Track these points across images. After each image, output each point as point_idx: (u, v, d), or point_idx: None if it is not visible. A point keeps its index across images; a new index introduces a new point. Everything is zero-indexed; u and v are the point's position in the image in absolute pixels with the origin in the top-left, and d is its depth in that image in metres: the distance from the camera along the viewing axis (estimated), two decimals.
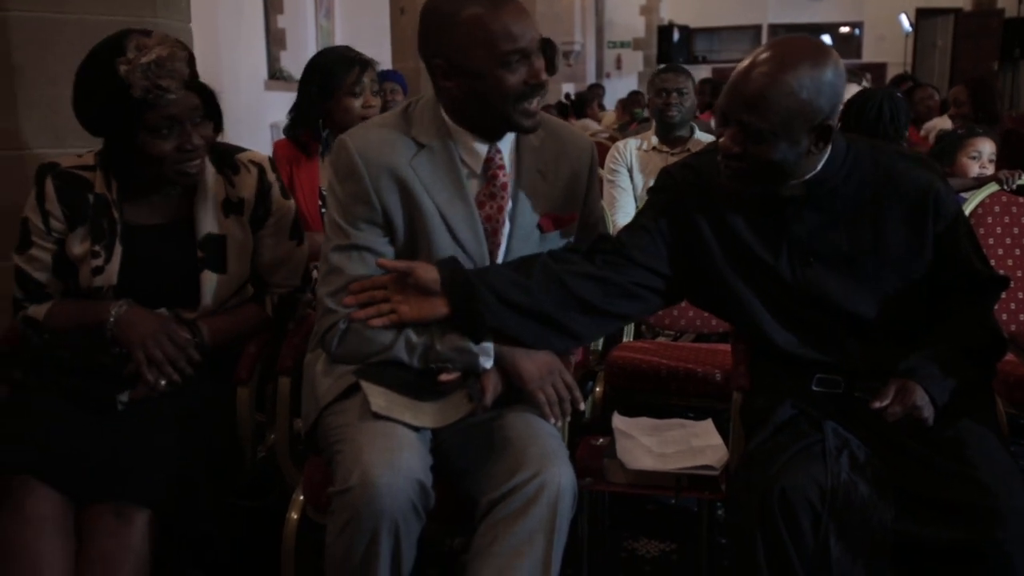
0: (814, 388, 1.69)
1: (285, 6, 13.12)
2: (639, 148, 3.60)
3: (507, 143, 1.73)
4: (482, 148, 1.70)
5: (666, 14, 16.96)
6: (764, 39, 16.05)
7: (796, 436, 1.60)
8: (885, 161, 1.70)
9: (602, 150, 3.96)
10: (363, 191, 1.64)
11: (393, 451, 1.51)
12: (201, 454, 1.70)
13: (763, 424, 1.66)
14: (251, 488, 1.98)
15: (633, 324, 2.87)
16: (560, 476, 1.56)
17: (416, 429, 1.59)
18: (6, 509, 1.55)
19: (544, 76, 1.63)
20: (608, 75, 16.00)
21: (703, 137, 3.63)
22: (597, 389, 2.52)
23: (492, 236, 1.71)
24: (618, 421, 2.03)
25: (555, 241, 1.77)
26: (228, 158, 1.91)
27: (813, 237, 1.67)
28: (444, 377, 1.61)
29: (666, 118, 3.54)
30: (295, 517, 1.74)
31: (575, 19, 14.17)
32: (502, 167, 1.72)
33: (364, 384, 1.59)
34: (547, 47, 1.80)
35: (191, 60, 1.75)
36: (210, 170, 1.87)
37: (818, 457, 1.55)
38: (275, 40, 12.67)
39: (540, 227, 1.75)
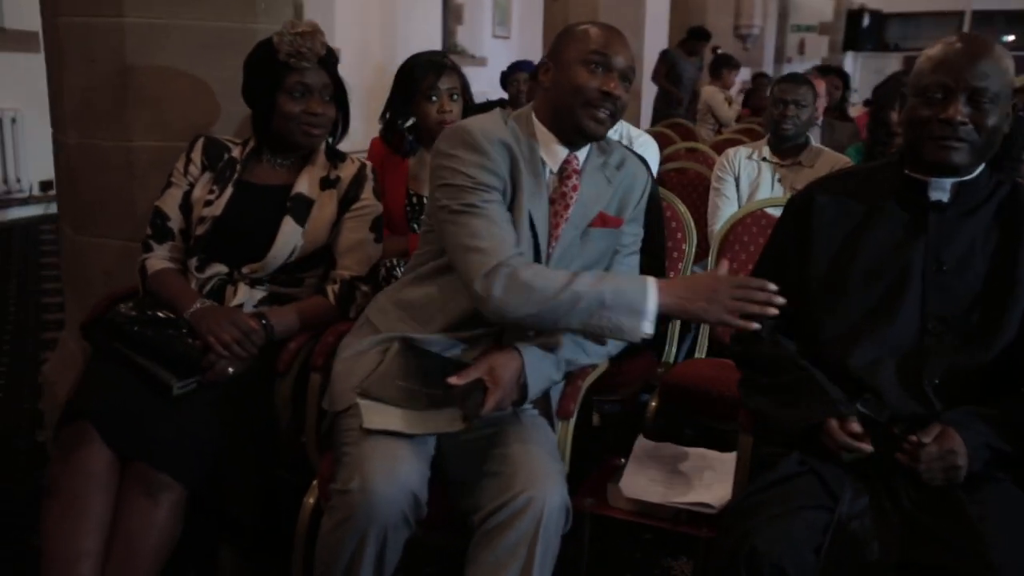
0: (859, 408, 1.61)
1: None
2: (748, 157, 3.53)
3: (583, 153, 1.89)
4: (562, 152, 1.86)
5: None
6: (967, 27, 14.95)
7: (793, 494, 1.55)
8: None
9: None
10: (489, 162, 1.77)
11: (394, 462, 1.64)
12: (240, 440, 1.88)
13: (765, 472, 1.65)
14: (297, 465, 2.14)
15: (707, 340, 2.85)
16: (548, 494, 1.63)
17: (410, 436, 1.69)
18: (64, 459, 1.78)
19: (618, 91, 1.80)
20: (789, 60, 15.39)
21: (818, 147, 3.52)
22: (652, 403, 2.54)
23: (554, 229, 1.85)
24: (640, 445, 2.05)
25: (596, 238, 1.89)
26: (339, 153, 2.21)
27: (949, 243, 1.66)
28: (453, 380, 1.69)
29: (780, 130, 3.46)
30: (311, 502, 1.89)
31: (755, 0, 13.71)
32: (577, 171, 1.87)
33: (361, 403, 1.71)
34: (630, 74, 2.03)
35: (329, 48, 2.11)
36: (320, 156, 2.18)
37: (807, 522, 1.50)
38: (453, 15, 13.02)
39: (590, 224, 1.87)
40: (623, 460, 2.05)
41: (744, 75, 12.60)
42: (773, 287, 1.62)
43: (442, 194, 1.78)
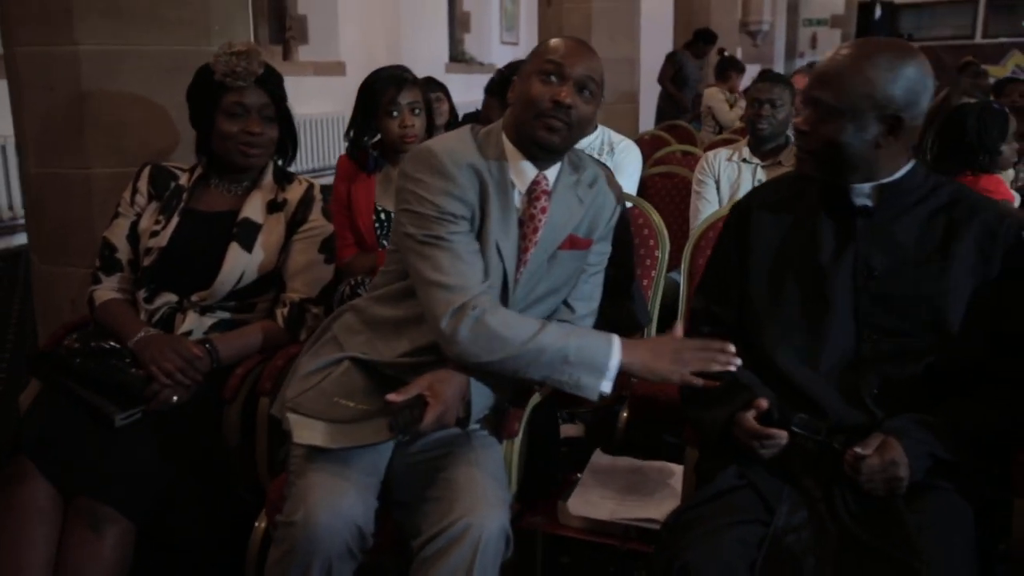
0: (793, 429, 1.58)
1: None
2: (729, 159, 3.49)
3: (553, 172, 1.85)
4: (531, 171, 1.82)
5: None
6: (981, 15, 14.76)
7: (729, 510, 1.52)
8: (965, 197, 1.65)
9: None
10: (455, 188, 1.74)
11: (338, 495, 1.62)
12: (186, 469, 1.87)
13: (704, 486, 1.61)
14: (255, 488, 2.12)
15: None
16: (487, 520, 1.60)
17: (355, 465, 1.68)
18: (3, 494, 1.77)
19: (569, 99, 1.74)
20: (801, 54, 15.30)
21: None
22: (623, 414, 2.50)
23: (523, 254, 1.81)
24: (596, 459, 2.02)
25: (564, 261, 1.85)
26: (287, 174, 2.20)
27: (879, 249, 1.62)
28: (391, 396, 1.65)
29: (756, 130, 3.42)
30: (262, 527, 1.87)
31: None
32: (546, 192, 1.83)
33: (290, 417, 1.69)
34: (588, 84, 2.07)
35: (267, 66, 2.11)
36: (268, 179, 2.18)
37: (740, 537, 1.47)
38: (460, 23, 13.05)
39: (559, 247, 1.83)
40: (579, 475, 2.01)
41: (752, 73, 12.58)
42: (732, 348, 1.62)
43: (407, 220, 1.75)
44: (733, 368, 1.61)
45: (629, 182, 3.24)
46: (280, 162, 2.23)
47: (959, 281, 1.58)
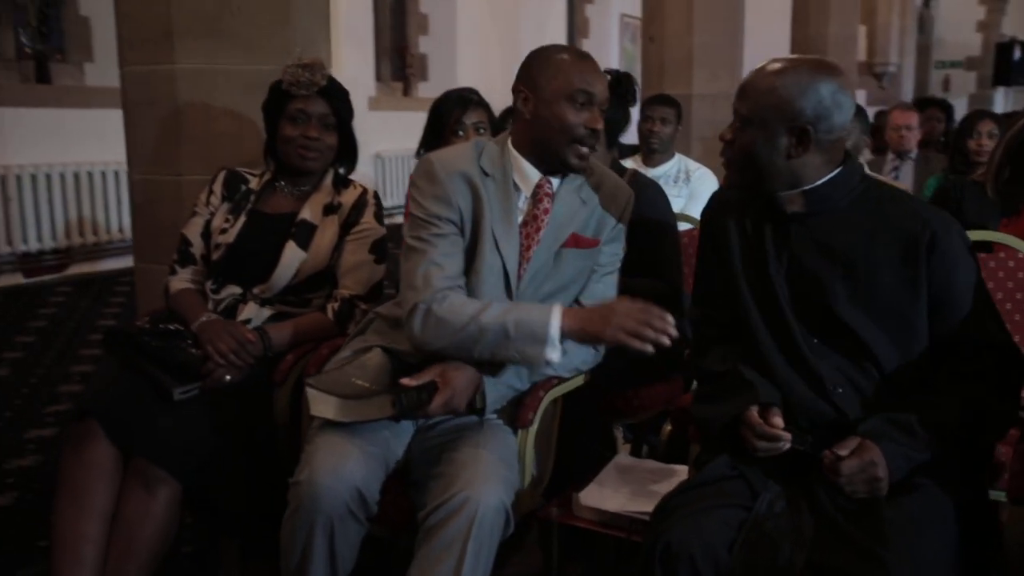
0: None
1: (591, 30, 13.71)
2: None
3: (557, 176, 1.97)
4: (535, 176, 1.95)
5: (1008, 29, 15.31)
6: None
7: (714, 494, 1.59)
8: (895, 197, 1.69)
9: None
10: (442, 192, 1.90)
11: (340, 458, 1.76)
12: (235, 443, 2.04)
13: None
14: None
15: None
16: (485, 495, 1.70)
17: (362, 435, 1.81)
18: (72, 452, 1.98)
19: (600, 126, 1.89)
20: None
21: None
22: (667, 427, 2.54)
23: (525, 252, 1.94)
24: (619, 459, 2.09)
25: (569, 259, 1.96)
26: (345, 180, 2.38)
27: (810, 252, 1.67)
28: (405, 381, 1.80)
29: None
30: None
31: (891, 38, 13.31)
32: (549, 195, 1.95)
33: (308, 392, 1.83)
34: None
35: (332, 79, 2.31)
36: (327, 184, 2.37)
37: (723, 519, 1.53)
38: (579, 30, 13.25)
39: (562, 245, 1.95)
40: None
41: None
42: (671, 319, 1.72)
43: (406, 223, 1.93)
44: (666, 339, 1.70)
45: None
46: (341, 170, 2.41)
47: (887, 278, 1.61)
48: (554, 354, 1.78)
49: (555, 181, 1.97)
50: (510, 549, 2.55)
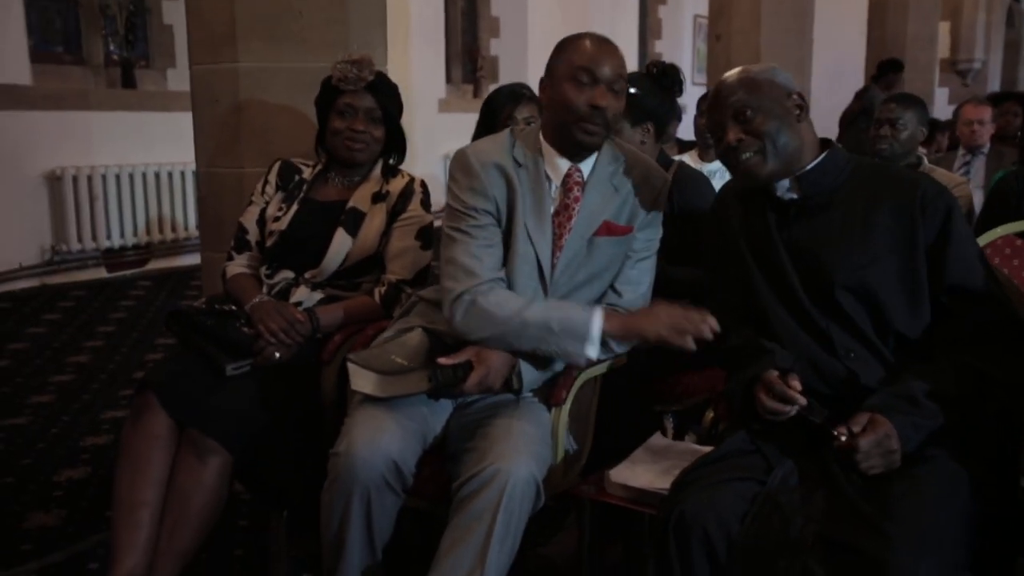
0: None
1: (664, 31, 13.65)
2: None
3: (588, 164, 2.02)
4: (564, 165, 2.00)
5: None
6: None
7: (731, 468, 1.62)
8: (885, 170, 1.81)
9: None
10: (479, 184, 1.97)
11: (377, 431, 1.84)
12: (283, 418, 2.15)
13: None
14: None
15: None
16: (516, 467, 1.77)
17: (400, 408, 1.89)
18: (132, 423, 2.12)
19: (605, 102, 1.91)
20: None
21: None
22: (709, 414, 2.56)
23: (557, 240, 1.99)
24: (654, 440, 2.12)
25: (603, 247, 2.00)
26: (394, 170, 2.48)
27: (808, 231, 1.75)
28: (442, 360, 1.87)
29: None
30: None
31: (976, 34, 12.92)
32: (579, 183, 2.01)
33: (350, 366, 1.92)
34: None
35: (381, 75, 2.42)
36: (376, 173, 2.47)
37: (737, 492, 1.57)
38: (652, 31, 13.22)
39: (595, 233, 2.00)
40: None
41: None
42: (710, 316, 1.80)
43: (445, 214, 2.00)
44: (707, 333, 1.77)
45: None
46: (391, 161, 2.50)
47: (883, 248, 1.68)
48: (594, 352, 1.86)
49: (585, 169, 2.01)
50: (551, 528, 2.61)
